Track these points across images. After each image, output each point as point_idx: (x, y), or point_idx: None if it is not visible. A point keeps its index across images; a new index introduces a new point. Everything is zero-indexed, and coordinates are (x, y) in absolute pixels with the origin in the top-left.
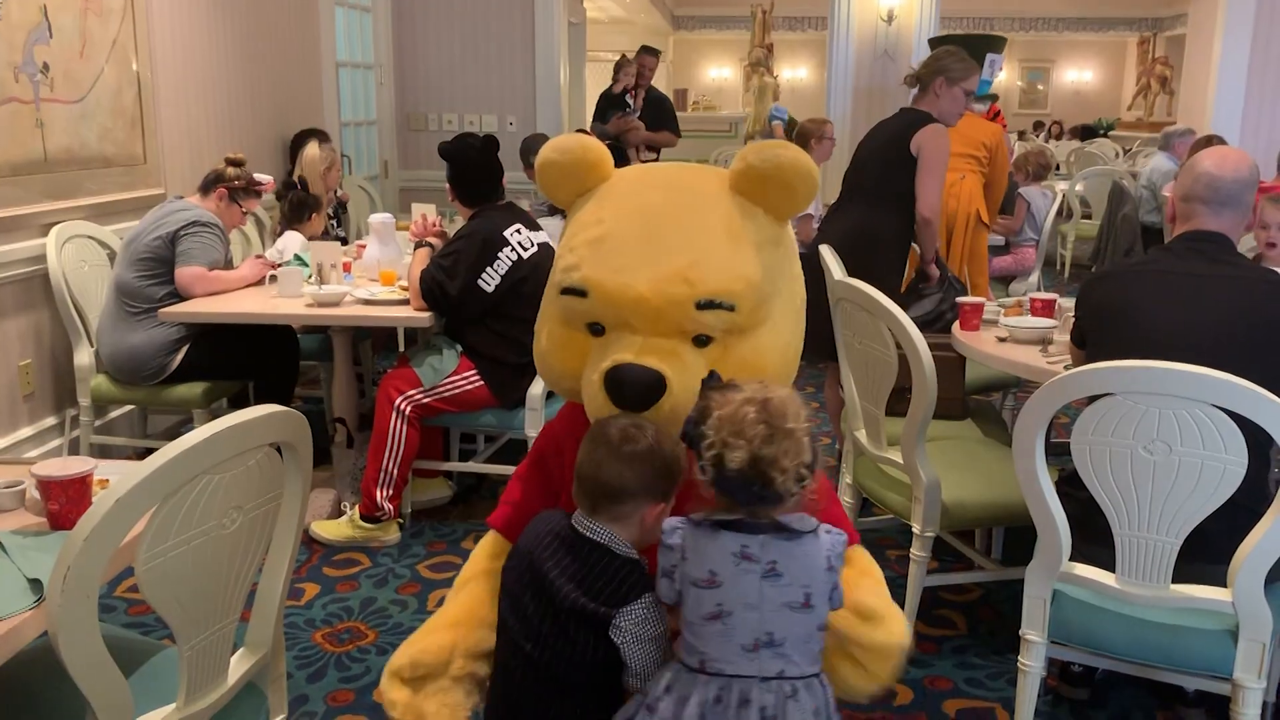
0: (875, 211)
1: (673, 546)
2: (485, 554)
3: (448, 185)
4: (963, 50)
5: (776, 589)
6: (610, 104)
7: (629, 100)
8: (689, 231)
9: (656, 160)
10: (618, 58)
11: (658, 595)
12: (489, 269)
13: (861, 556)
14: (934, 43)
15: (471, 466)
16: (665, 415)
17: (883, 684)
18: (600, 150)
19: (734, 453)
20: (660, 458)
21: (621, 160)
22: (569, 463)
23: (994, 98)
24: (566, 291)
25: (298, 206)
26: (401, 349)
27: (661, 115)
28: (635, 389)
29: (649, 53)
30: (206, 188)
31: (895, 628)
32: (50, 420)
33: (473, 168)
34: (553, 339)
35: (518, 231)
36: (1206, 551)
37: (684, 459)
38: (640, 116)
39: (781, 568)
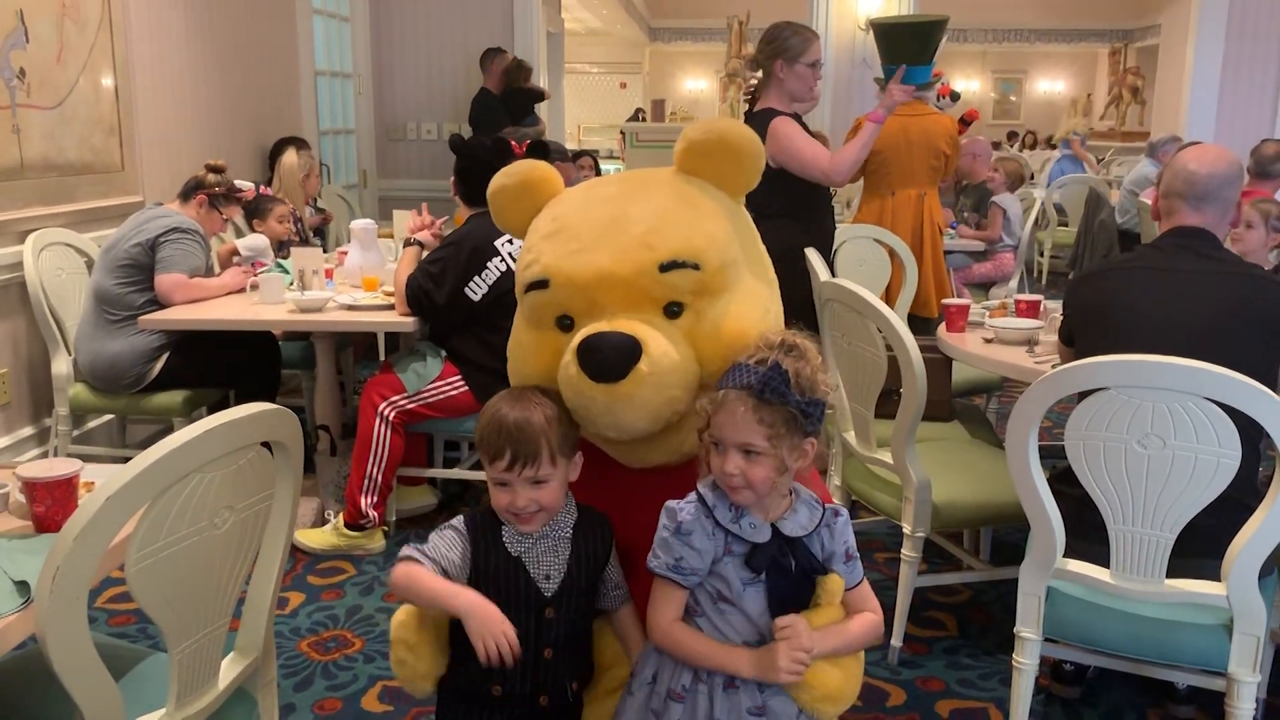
0: (768, 229)
1: None
2: None
3: (453, 178)
4: (796, 23)
5: None
6: (526, 106)
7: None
8: (643, 206)
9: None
10: (593, 69)
11: None
12: (477, 278)
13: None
14: (874, 26)
15: (456, 473)
16: (645, 380)
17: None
18: (546, 168)
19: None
20: None
21: None
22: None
23: (956, 95)
24: (530, 289)
25: (248, 209)
26: (382, 358)
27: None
28: (609, 354)
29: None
30: (187, 194)
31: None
32: (28, 430)
33: (480, 167)
34: (522, 346)
35: (509, 241)
36: (1199, 546)
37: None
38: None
39: None
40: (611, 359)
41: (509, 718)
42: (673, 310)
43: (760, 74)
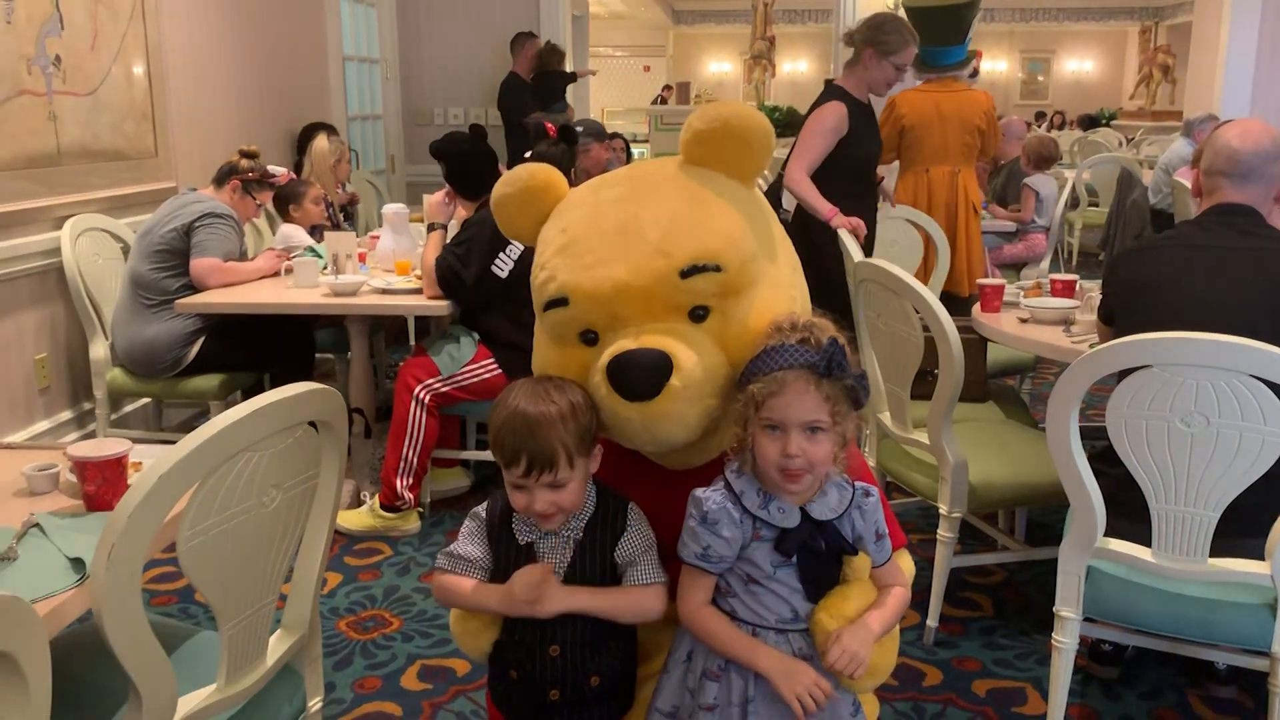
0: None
1: None
2: None
3: (447, 185)
4: (903, 23)
5: None
6: (555, 90)
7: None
8: (652, 211)
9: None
10: (617, 52)
11: None
12: (502, 254)
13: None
14: (908, 9)
15: (490, 455)
16: (679, 395)
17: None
18: (549, 171)
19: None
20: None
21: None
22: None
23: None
24: (549, 307)
25: (276, 201)
26: (412, 342)
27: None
28: (640, 372)
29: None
30: (220, 179)
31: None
32: (66, 414)
33: (466, 160)
34: (550, 363)
35: None
36: (1243, 525)
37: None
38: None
39: None
40: (643, 378)
41: (528, 702)
42: (698, 314)
43: (851, 50)
